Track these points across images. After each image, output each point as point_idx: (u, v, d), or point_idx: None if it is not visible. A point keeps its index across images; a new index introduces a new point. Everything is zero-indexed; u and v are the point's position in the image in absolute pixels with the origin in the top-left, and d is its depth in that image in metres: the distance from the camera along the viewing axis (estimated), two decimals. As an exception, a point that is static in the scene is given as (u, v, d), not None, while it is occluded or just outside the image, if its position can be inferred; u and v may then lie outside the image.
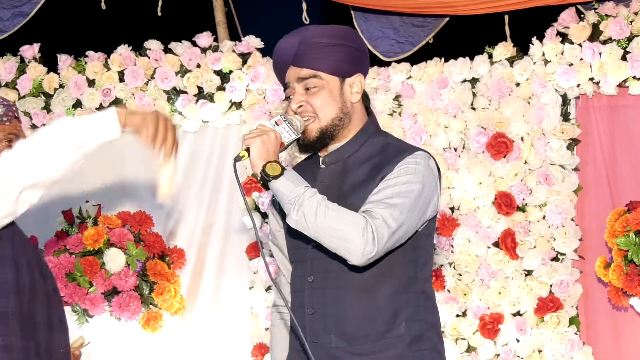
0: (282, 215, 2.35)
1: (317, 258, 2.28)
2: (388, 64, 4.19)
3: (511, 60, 4.00)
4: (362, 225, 2.13)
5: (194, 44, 4.28)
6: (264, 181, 2.18)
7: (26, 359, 2.33)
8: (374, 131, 2.40)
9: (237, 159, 2.22)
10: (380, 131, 2.45)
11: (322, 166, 2.38)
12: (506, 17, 4.09)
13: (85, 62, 4.36)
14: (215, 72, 4.23)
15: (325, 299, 2.27)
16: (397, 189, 2.21)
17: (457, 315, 3.94)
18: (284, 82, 2.40)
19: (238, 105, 4.24)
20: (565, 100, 3.92)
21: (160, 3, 4.39)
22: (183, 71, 4.26)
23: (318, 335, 2.27)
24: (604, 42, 3.85)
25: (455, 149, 4.00)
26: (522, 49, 4.01)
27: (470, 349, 3.92)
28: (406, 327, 2.25)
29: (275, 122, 2.29)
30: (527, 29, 4.03)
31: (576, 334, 3.82)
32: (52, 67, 4.41)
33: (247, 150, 2.22)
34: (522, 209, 3.92)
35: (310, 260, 2.30)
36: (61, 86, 4.37)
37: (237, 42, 4.29)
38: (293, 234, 2.29)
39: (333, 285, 2.27)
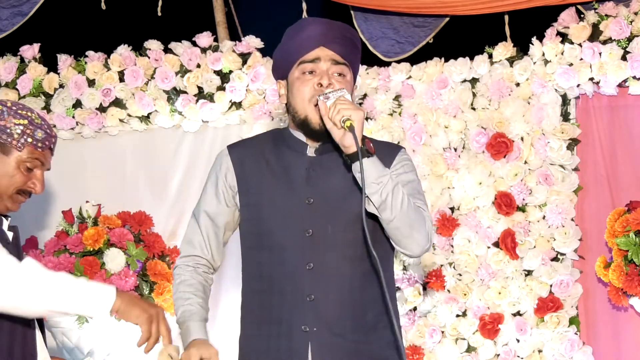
0: (246, 189, 2.35)
1: (315, 244, 2.26)
2: (388, 64, 4.19)
3: (511, 60, 4.00)
4: (426, 221, 2.24)
5: (194, 44, 4.28)
6: (361, 155, 2.14)
7: None
8: None
9: (351, 129, 2.14)
10: None
11: (311, 155, 2.35)
12: (506, 17, 4.09)
13: (85, 62, 4.36)
14: (215, 72, 4.23)
15: (328, 287, 2.26)
16: (418, 187, 2.33)
17: (457, 315, 3.94)
18: (298, 57, 2.30)
19: (238, 105, 4.24)
20: (565, 100, 3.92)
21: (160, 3, 4.39)
22: (183, 71, 4.26)
23: (314, 324, 2.26)
24: (604, 42, 3.85)
25: (455, 149, 4.00)
26: (522, 49, 4.02)
27: (470, 349, 3.92)
28: (389, 316, 2.28)
29: (326, 94, 2.22)
30: (527, 29, 4.03)
31: (576, 334, 3.83)
32: (52, 67, 4.40)
33: (347, 120, 2.15)
34: (522, 209, 3.92)
35: (309, 246, 2.27)
36: (61, 86, 4.37)
37: (237, 42, 4.29)
38: (286, 217, 2.28)
39: (334, 273, 2.27)
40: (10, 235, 2.49)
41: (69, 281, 2.23)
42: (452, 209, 3.99)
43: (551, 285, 3.85)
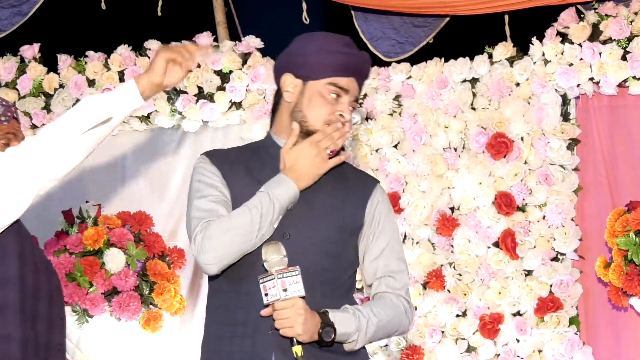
0: (235, 185, 2.28)
1: (294, 250, 2.20)
2: (388, 64, 4.18)
3: (511, 60, 4.00)
4: (406, 312, 2.31)
5: (194, 44, 4.27)
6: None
7: (24, 351, 2.34)
8: None
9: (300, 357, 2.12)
10: None
11: None
12: (506, 17, 4.08)
13: (85, 62, 4.36)
14: (215, 72, 4.23)
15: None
16: (396, 239, 2.39)
17: (457, 315, 3.94)
18: (332, 75, 2.26)
19: (238, 105, 4.24)
20: (565, 100, 3.92)
21: (160, 3, 4.39)
22: (183, 71, 4.25)
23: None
24: (604, 42, 3.85)
25: (455, 149, 4.00)
26: (522, 49, 4.01)
27: (470, 349, 3.92)
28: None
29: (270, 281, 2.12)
30: (527, 29, 4.03)
31: (576, 334, 3.82)
32: (52, 67, 4.40)
33: (293, 339, 2.13)
34: (522, 209, 3.92)
35: (287, 251, 2.20)
36: (61, 86, 4.37)
37: (237, 42, 4.29)
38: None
39: (308, 279, 2.19)
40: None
41: (93, 98, 2.29)
42: (452, 209, 3.99)
43: (551, 285, 3.85)
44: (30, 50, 4.42)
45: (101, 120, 2.24)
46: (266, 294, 2.11)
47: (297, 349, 2.11)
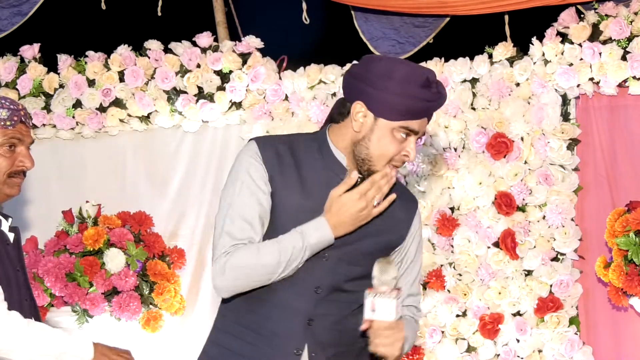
0: (280, 186, 2.24)
1: (327, 268, 2.24)
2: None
3: (511, 60, 4.00)
4: (417, 329, 2.44)
5: (194, 44, 4.28)
6: None
7: None
8: None
9: None
10: None
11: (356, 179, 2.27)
12: (506, 17, 4.09)
13: (85, 62, 4.36)
14: (215, 72, 4.23)
15: (330, 311, 2.25)
16: (419, 268, 2.45)
17: (457, 315, 3.94)
18: (406, 118, 2.19)
19: (238, 105, 4.24)
20: (565, 100, 3.92)
21: (160, 3, 4.39)
22: (183, 71, 4.26)
23: (312, 347, 2.24)
24: (604, 42, 3.85)
25: (455, 149, 4.00)
26: (522, 49, 4.02)
27: (470, 349, 3.92)
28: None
29: (369, 303, 2.18)
30: (527, 29, 4.03)
31: (576, 334, 3.83)
32: (52, 67, 4.40)
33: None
34: (522, 209, 3.92)
35: (323, 271, 2.24)
36: (61, 86, 4.37)
37: (237, 42, 4.29)
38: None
39: (338, 298, 2.26)
40: (11, 236, 2.48)
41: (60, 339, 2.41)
42: (452, 209, 3.99)
43: (551, 285, 3.85)
44: (30, 50, 4.41)
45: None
46: (373, 310, 2.16)
47: None
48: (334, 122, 2.32)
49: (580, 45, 3.87)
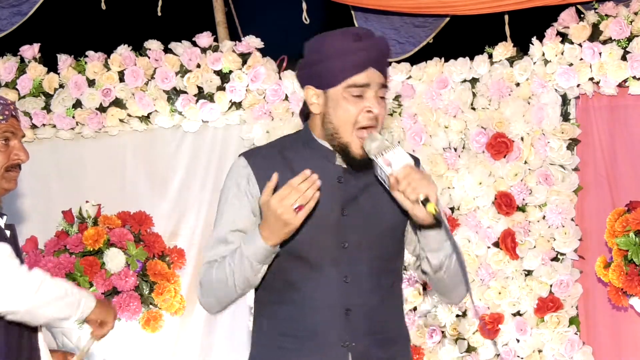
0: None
1: (351, 256, 2.23)
2: (388, 64, 4.18)
3: (511, 60, 4.00)
4: (466, 268, 2.24)
5: (194, 44, 4.28)
6: (435, 223, 2.13)
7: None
8: None
9: (437, 215, 2.07)
10: None
11: (339, 163, 2.26)
12: (506, 17, 4.09)
13: (85, 62, 4.36)
14: (215, 72, 4.23)
15: (363, 299, 2.24)
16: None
17: (457, 315, 3.94)
18: (347, 76, 2.19)
19: (238, 105, 4.24)
20: (565, 100, 3.92)
21: (160, 3, 4.39)
22: (183, 71, 4.26)
23: (355, 337, 2.23)
24: (604, 42, 3.85)
25: (455, 149, 4.00)
26: (522, 49, 4.02)
27: (470, 349, 3.92)
28: (405, 328, 2.39)
29: (383, 157, 2.14)
30: (527, 29, 4.03)
31: (576, 334, 3.83)
32: (52, 67, 4.40)
33: (426, 200, 2.08)
34: (522, 209, 3.92)
35: (346, 259, 2.23)
36: (61, 86, 4.37)
37: (237, 42, 4.28)
38: (320, 229, 2.21)
39: (369, 285, 2.25)
40: (7, 233, 2.49)
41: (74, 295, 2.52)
42: (452, 209, 3.99)
43: (551, 285, 3.85)
44: (30, 50, 4.41)
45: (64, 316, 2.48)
46: (390, 165, 2.12)
47: (432, 205, 2.07)
48: (307, 119, 2.34)
49: (580, 45, 3.87)
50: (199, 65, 4.25)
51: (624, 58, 3.80)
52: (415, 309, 3.98)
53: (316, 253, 2.22)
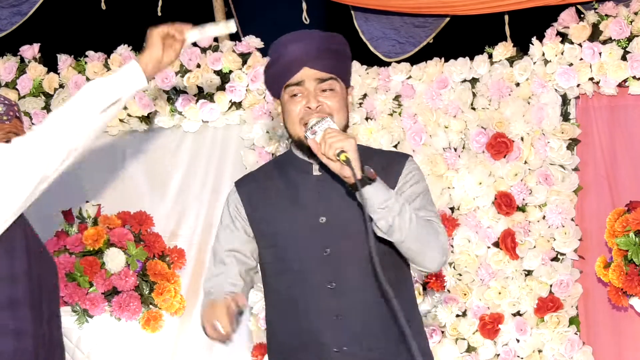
0: (255, 219, 2.36)
1: (334, 262, 2.26)
2: (388, 64, 4.19)
3: (511, 60, 4.00)
4: (439, 235, 2.24)
5: (194, 44, 4.27)
6: (362, 183, 2.13)
7: (36, 346, 2.35)
8: None
9: (347, 161, 2.12)
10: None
11: (317, 173, 2.34)
12: (506, 17, 4.09)
13: (85, 62, 4.36)
14: (215, 72, 4.23)
15: (353, 303, 2.26)
16: (428, 197, 2.34)
17: (457, 315, 3.94)
18: (285, 81, 2.31)
19: (238, 105, 4.24)
20: (565, 100, 3.92)
21: (160, 3, 4.39)
22: (183, 71, 4.26)
23: (346, 343, 2.25)
24: (604, 42, 3.85)
25: (455, 149, 4.00)
26: (522, 49, 4.02)
27: (470, 349, 3.92)
28: (415, 324, 2.37)
29: (312, 129, 2.22)
30: (527, 29, 4.03)
31: (576, 334, 3.83)
32: (52, 67, 4.40)
33: (341, 153, 2.13)
34: (522, 209, 3.92)
35: (330, 265, 2.26)
36: (61, 86, 4.37)
37: (237, 42, 4.29)
38: (302, 238, 2.27)
39: (357, 289, 2.26)
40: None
41: (100, 81, 2.32)
42: (452, 209, 3.99)
43: (551, 285, 3.85)
44: (30, 50, 4.42)
45: (111, 102, 2.29)
46: (314, 133, 2.20)
47: (344, 155, 2.13)
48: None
49: (580, 45, 3.87)
50: (199, 65, 4.25)
51: (624, 58, 3.80)
52: (415, 309, 3.98)
53: (299, 261, 2.29)
